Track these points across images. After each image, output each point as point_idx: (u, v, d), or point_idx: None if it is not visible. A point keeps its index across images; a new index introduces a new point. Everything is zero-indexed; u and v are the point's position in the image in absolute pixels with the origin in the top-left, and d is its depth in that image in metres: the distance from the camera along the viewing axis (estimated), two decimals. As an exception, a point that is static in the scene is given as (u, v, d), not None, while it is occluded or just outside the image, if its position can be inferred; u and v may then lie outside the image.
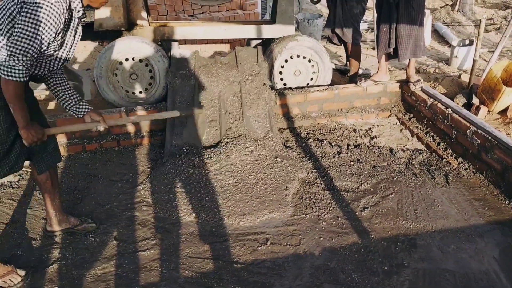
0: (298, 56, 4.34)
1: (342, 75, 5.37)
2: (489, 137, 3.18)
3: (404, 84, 4.31)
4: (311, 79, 4.48)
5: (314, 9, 8.52)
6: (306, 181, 3.29)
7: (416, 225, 2.81)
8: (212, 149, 3.55)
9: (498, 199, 3.05)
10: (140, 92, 4.22)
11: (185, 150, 3.55)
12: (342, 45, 5.02)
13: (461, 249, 2.61)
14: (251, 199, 3.05)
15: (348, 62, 5.04)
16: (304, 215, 2.93)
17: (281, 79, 4.42)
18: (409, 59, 4.09)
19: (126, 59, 4.06)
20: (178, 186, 3.19)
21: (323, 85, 4.36)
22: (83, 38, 5.13)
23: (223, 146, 3.54)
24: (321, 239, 2.72)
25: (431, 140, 3.82)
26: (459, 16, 7.87)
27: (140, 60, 4.09)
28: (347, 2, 4.47)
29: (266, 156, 3.48)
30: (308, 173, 3.39)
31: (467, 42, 5.55)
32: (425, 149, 3.79)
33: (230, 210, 2.96)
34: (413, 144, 3.92)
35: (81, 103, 2.54)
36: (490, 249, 2.61)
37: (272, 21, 4.51)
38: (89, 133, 3.76)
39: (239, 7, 6.64)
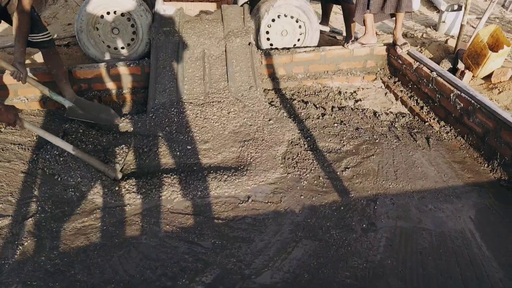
0: (285, 15, 4.25)
1: (331, 38, 5.30)
2: (472, 101, 3.19)
3: (391, 47, 4.27)
4: (298, 40, 4.41)
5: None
6: (290, 142, 3.29)
7: (396, 185, 2.85)
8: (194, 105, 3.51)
9: (477, 162, 3.09)
10: (123, 48, 4.10)
11: (168, 107, 3.50)
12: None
13: (438, 209, 2.66)
14: (235, 164, 3.05)
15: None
16: (286, 174, 2.94)
17: (268, 39, 4.33)
18: (396, 21, 4.04)
19: (108, 13, 3.93)
20: (160, 138, 3.17)
21: (310, 46, 4.30)
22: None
23: (207, 104, 3.50)
24: (302, 197, 2.74)
25: (415, 104, 3.83)
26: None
27: (122, 14, 3.96)
28: None
29: (251, 115, 3.46)
30: (291, 134, 3.38)
31: (455, 7, 5.49)
32: (408, 112, 3.80)
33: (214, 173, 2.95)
34: (397, 107, 3.92)
35: None
36: (466, 209, 2.66)
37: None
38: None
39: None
